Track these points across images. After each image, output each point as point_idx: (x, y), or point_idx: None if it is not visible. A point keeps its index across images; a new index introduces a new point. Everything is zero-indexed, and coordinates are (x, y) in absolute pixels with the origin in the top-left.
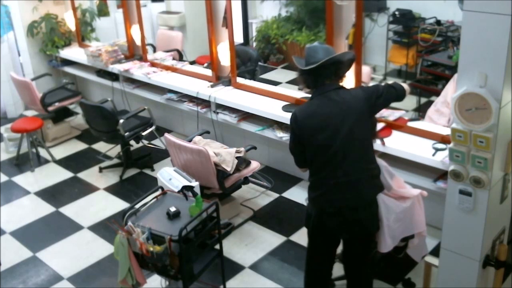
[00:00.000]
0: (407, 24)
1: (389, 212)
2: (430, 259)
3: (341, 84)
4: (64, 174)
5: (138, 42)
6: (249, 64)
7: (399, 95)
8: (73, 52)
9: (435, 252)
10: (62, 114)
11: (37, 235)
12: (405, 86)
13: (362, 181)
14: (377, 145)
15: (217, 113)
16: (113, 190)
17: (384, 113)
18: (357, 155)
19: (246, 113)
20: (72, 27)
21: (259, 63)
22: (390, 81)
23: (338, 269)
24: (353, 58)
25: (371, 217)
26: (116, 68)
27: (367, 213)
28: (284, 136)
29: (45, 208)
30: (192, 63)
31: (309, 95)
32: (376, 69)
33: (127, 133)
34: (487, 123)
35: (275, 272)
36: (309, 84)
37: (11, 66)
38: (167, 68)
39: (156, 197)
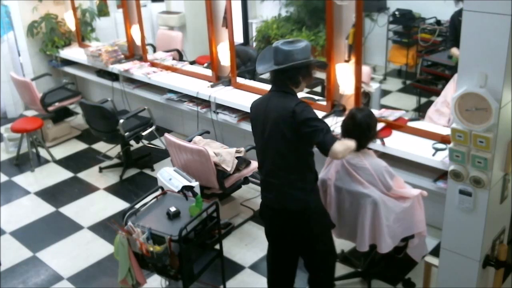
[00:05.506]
0: (407, 24)
1: (389, 212)
2: (430, 259)
3: (296, 89)
4: (64, 174)
5: (138, 42)
6: (249, 64)
7: (322, 148)
8: (73, 52)
9: (435, 252)
10: (62, 114)
11: (37, 235)
12: (339, 147)
13: (283, 187)
14: (377, 145)
15: (217, 113)
16: (113, 190)
17: (384, 113)
18: (275, 162)
19: (246, 113)
20: (72, 27)
21: None
22: (390, 81)
23: (338, 269)
24: (322, 65)
25: (297, 224)
26: (116, 68)
27: (292, 220)
28: None
29: (45, 208)
30: (192, 63)
31: (309, 95)
32: (376, 69)
33: (127, 133)
34: (487, 123)
35: None
36: None
37: (11, 66)
38: (167, 68)
39: (156, 197)
